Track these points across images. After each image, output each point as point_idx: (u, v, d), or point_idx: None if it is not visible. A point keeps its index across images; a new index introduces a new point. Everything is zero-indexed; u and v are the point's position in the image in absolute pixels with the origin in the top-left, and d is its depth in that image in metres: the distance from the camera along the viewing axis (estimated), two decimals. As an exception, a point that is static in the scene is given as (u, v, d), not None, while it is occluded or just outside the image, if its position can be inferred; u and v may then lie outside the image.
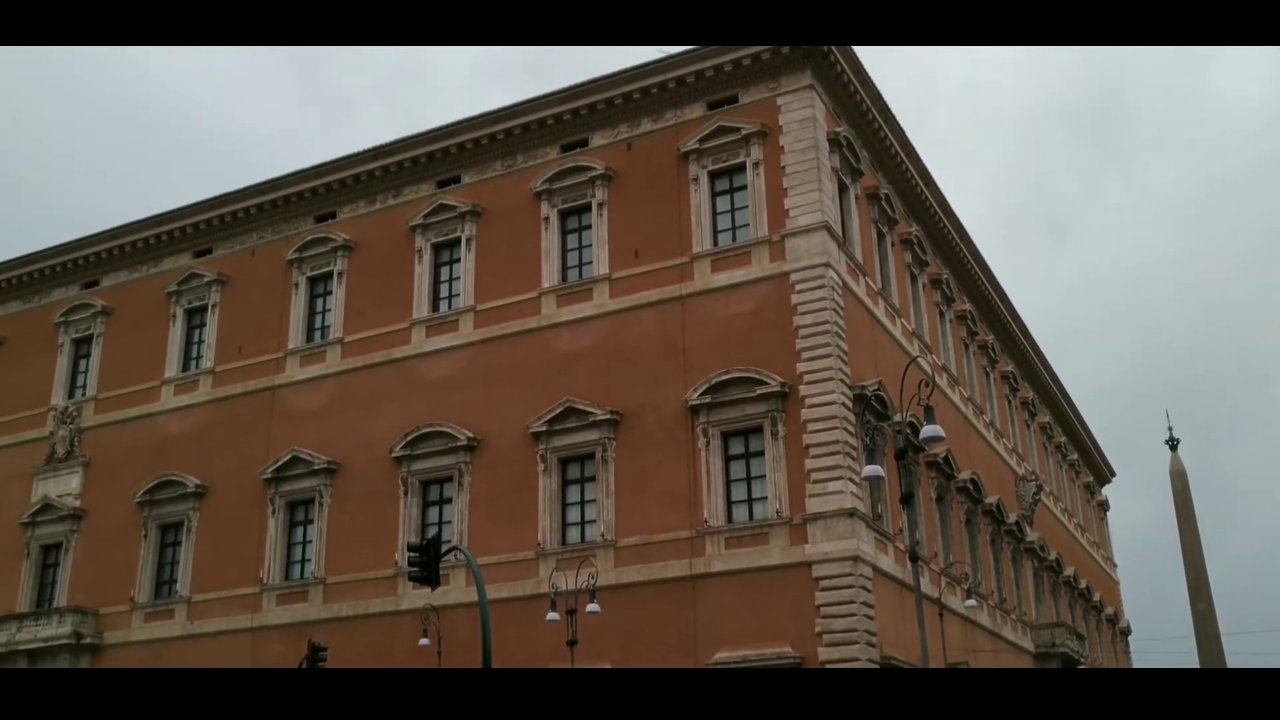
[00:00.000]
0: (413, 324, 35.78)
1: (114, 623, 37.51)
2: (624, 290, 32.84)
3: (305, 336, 37.80)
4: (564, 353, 33.06)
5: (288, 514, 35.95)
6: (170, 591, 37.19)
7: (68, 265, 42.96)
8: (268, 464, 36.25)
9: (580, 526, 31.74)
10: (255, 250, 39.53)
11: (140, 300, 41.30)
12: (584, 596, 27.82)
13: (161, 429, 39.26)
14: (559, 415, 32.23)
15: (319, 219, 38.72)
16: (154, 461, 38.61)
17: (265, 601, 35.19)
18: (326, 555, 34.67)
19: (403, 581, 32.52)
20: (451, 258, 36.22)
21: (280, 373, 37.60)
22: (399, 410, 34.75)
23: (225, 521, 36.76)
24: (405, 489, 34.00)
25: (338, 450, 35.46)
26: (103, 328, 41.88)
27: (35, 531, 40.13)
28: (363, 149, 37.67)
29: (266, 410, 37.34)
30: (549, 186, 34.67)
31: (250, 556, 35.82)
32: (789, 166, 31.63)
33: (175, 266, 40.94)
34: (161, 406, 39.59)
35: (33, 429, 41.75)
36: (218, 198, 40.05)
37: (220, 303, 39.68)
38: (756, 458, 30.05)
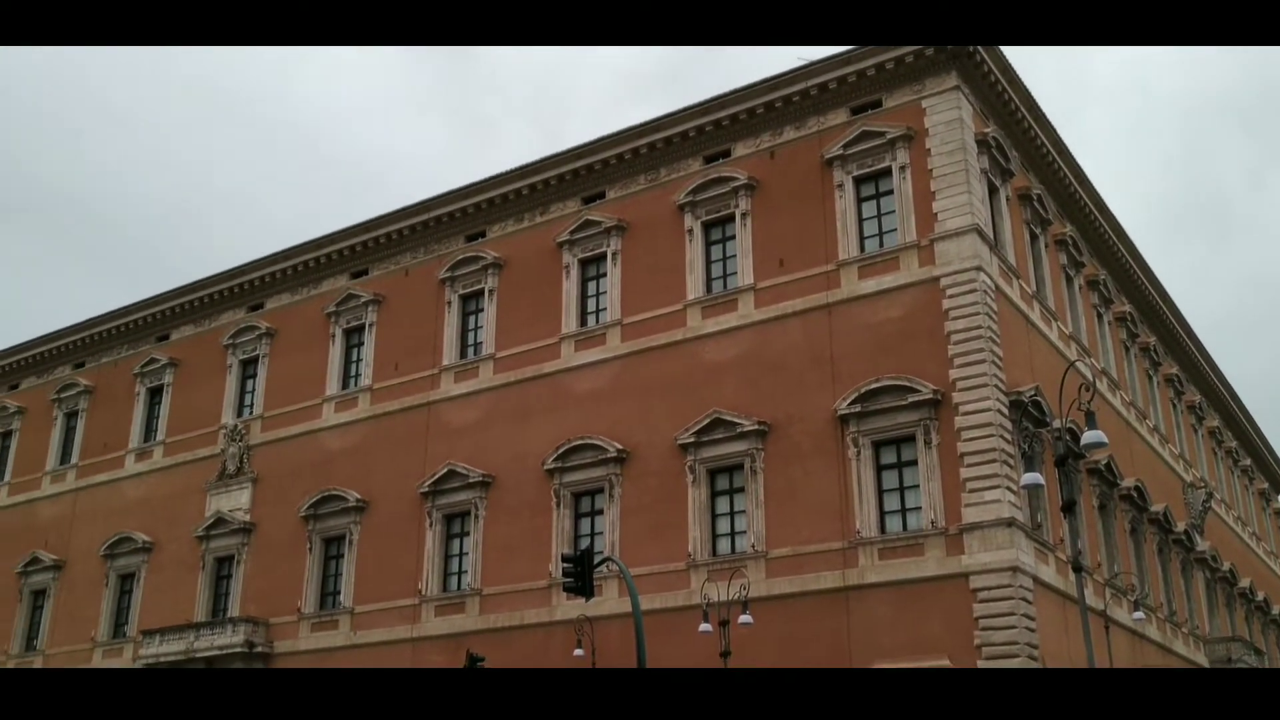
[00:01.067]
0: (561, 339, 36.31)
1: (283, 632, 38.98)
2: (769, 299, 32.71)
3: (459, 353, 38.73)
4: (710, 364, 33.09)
5: (444, 526, 36.84)
6: (334, 603, 38.47)
7: (234, 290, 44.95)
8: (425, 478, 37.21)
9: (730, 538, 31.68)
10: (409, 270, 40.70)
11: (302, 321, 42.93)
12: (736, 608, 27.76)
13: (324, 445, 40.69)
14: (707, 426, 32.26)
15: (469, 238, 39.66)
16: (317, 476, 40.04)
17: (424, 613, 36.09)
18: (482, 567, 35.38)
19: (556, 592, 32.97)
20: (598, 272, 36.65)
21: (435, 389, 38.59)
22: (550, 423, 35.29)
23: (385, 534, 37.85)
24: (557, 501, 34.48)
25: (492, 464, 36.18)
26: (267, 349, 43.66)
27: (209, 544, 42.02)
28: (510, 168, 38.45)
29: (423, 425, 38.35)
30: (692, 199, 34.80)
31: (409, 568, 36.79)
32: (936, 169, 31.07)
33: (334, 288, 42.44)
34: (323, 423, 41.04)
35: (206, 446, 43.76)
36: (372, 220, 41.40)
37: (377, 322, 40.95)
38: (909, 467, 29.52)
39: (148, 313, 47.24)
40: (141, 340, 47.76)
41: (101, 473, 46.81)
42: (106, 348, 48.86)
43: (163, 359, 46.53)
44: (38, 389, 50.79)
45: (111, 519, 45.40)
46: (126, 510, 45.16)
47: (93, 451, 47.57)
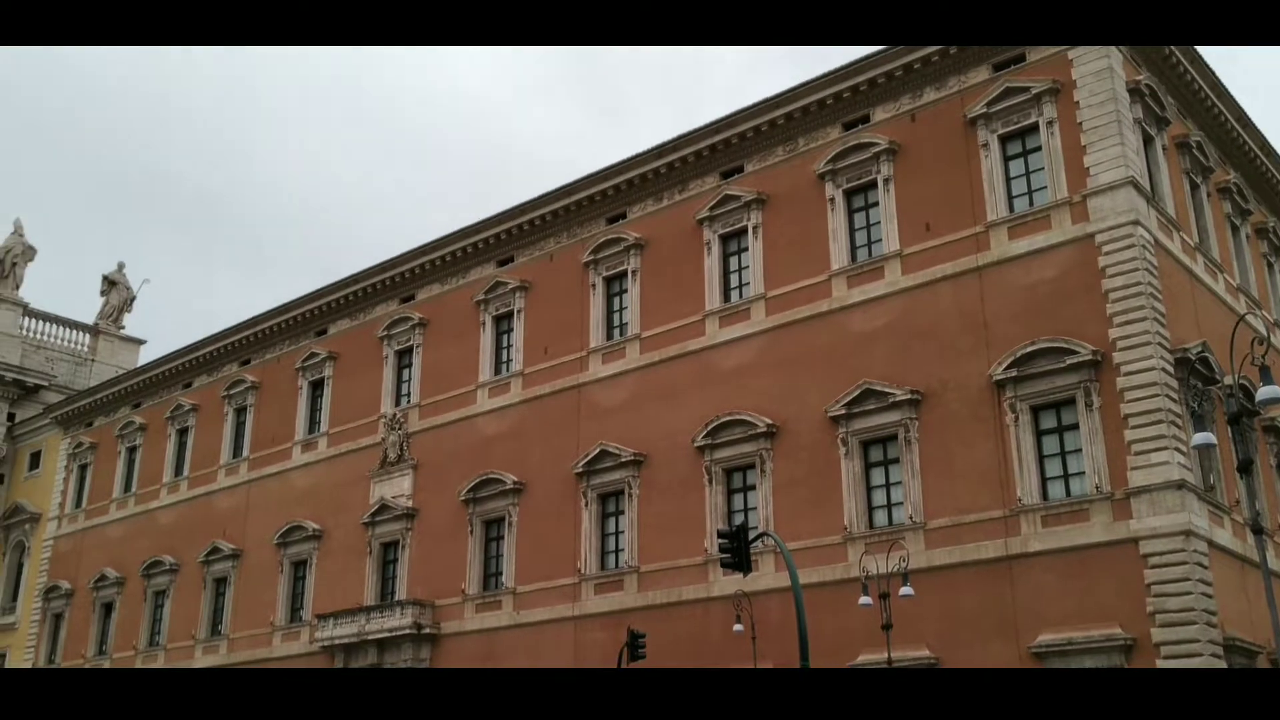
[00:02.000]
0: (706, 315, 36.33)
1: (449, 614, 40.13)
2: (916, 265, 32.10)
3: (605, 335, 39.12)
4: (858, 334, 32.68)
5: (600, 506, 37.34)
6: (497, 584, 39.40)
7: (386, 283, 46.27)
8: (578, 459, 37.76)
9: (887, 509, 31.30)
10: (554, 255, 41.25)
11: (452, 310, 43.96)
12: (896, 580, 27.45)
13: (479, 430, 41.64)
14: (857, 398, 31.90)
15: (610, 220, 39.96)
16: (475, 461, 41.01)
17: (584, 591, 36.68)
18: (639, 544, 35.76)
19: (714, 568, 33.14)
20: (739, 247, 36.53)
21: (584, 371, 39.08)
22: (698, 400, 35.39)
23: (542, 515, 38.57)
24: (709, 477, 34.59)
25: (643, 442, 36.49)
26: (421, 338, 44.84)
27: (375, 530, 43.50)
28: (648, 148, 38.57)
29: (574, 407, 38.90)
30: (832, 167, 34.34)
31: (567, 548, 37.42)
32: (1086, 122, 29.97)
33: (482, 276, 43.30)
34: (478, 409, 41.98)
35: (367, 436, 45.25)
36: (515, 208, 42.06)
37: (525, 308, 41.65)
38: (1070, 431, 28.67)
39: (306, 309, 49.01)
40: (302, 336, 49.60)
41: (271, 465, 48.86)
42: (270, 344, 50.90)
43: (322, 353, 48.24)
44: (209, 387, 53.24)
45: (282, 509, 47.39)
46: (296, 500, 47.08)
47: (262, 445, 49.68)
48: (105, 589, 54.04)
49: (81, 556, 56.21)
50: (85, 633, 54.42)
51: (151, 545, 52.54)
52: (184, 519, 51.85)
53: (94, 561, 55.19)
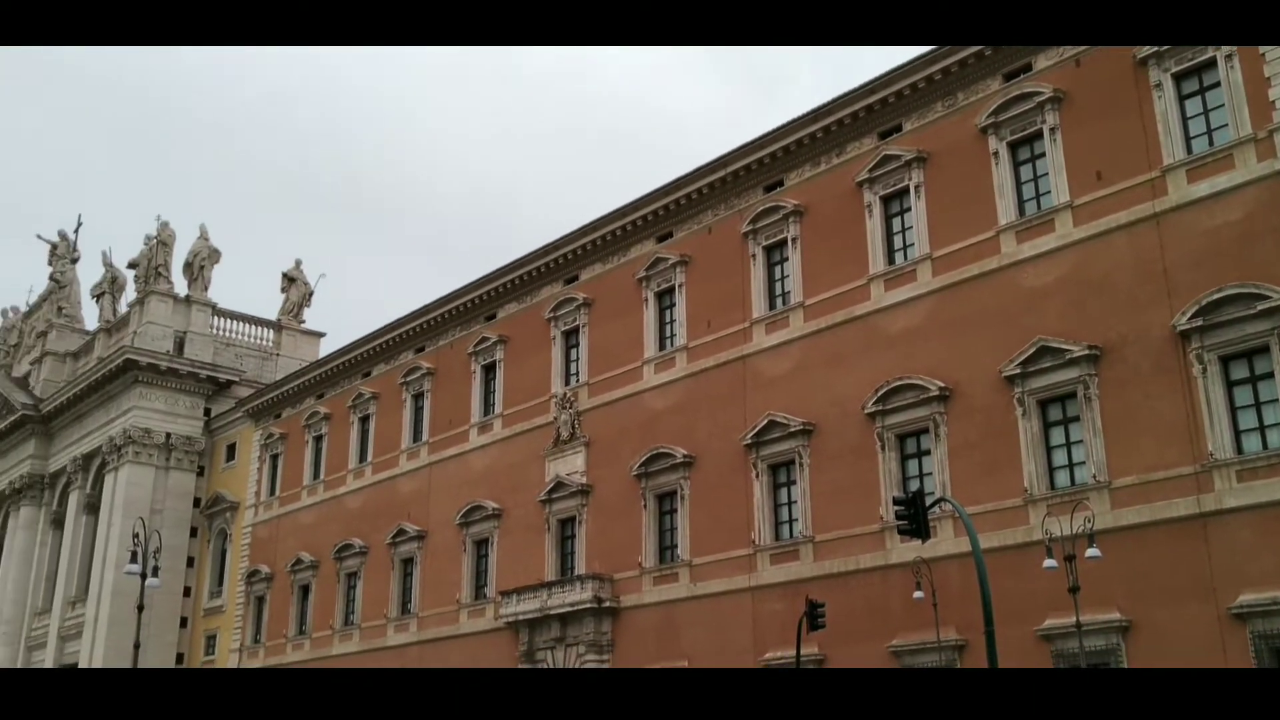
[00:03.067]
0: (870, 280, 35.79)
1: (627, 587, 40.77)
2: (1089, 216, 30.90)
3: (768, 304, 38.94)
4: (1029, 290, 31.69)
5: (770, 476, 37.29)
6: (672, 556, 39.81)
7: (550, 265, 47.07)
8: (746, 430, 37.77)
9: (1068, 469, 30.35)
10: (712, 228, 41.23)
11: (615, 289, 44.43)
12: (1081, 542, 26.65)
13: (647, 405, 42.05)
14: (1032, 356, 30.97)
15: (768, 189, 39.69)
16: (644, 436, 41.47)
17: (759, 562, 36.74)
18: (812, 514, 35.59)
19: (890, 536, 32.76)
20: (901, 208, 35.83)
21: (748, 342, 39.01)
22: (866, 366, 34.94)
23: (713, 487, 38.76)
24: (881, 444, 34.15)
25: (811, 411, 36.25)
26: (586, 318, 45.49)
27: (552, 508, 44.46)
28: (803, 113, 38.13)
29: (739, 379, 38.90)
30: (994, 119, 33.30)
31: (740, 519, 37.52)
32: (1269, 52, 28.25)
33: (642, 253, 43.62)
34: (645, 385, 42.39)
35: (539, 415, 46.23)
36: (672, 183, 42.17)
37: (685, 282, 41.78)
38: (1264, 381, 27.22)
39: (475, 295, 50.27)
40: (472, 321, 50.92)
41: (450, 447, 50.40)
42: (442, 331, 52.42)
43: (493, 337, 49.43)
44: (387, 375, 55.21)
45: (462, 489, 48.87)
46: (475, 481, 48.47)
47: (440, 428, 51.28)
48: (301, 572, 56.78)
49: (278, 542, 59.16)
50: (285, 614, 57.33)
51: (341, 529, 54.93)
52: (370, 503, 54.01)
53: (290, 546, 58.03)
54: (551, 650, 42.36)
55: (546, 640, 42.44)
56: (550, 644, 42.32)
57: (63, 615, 67.46)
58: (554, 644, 42.17)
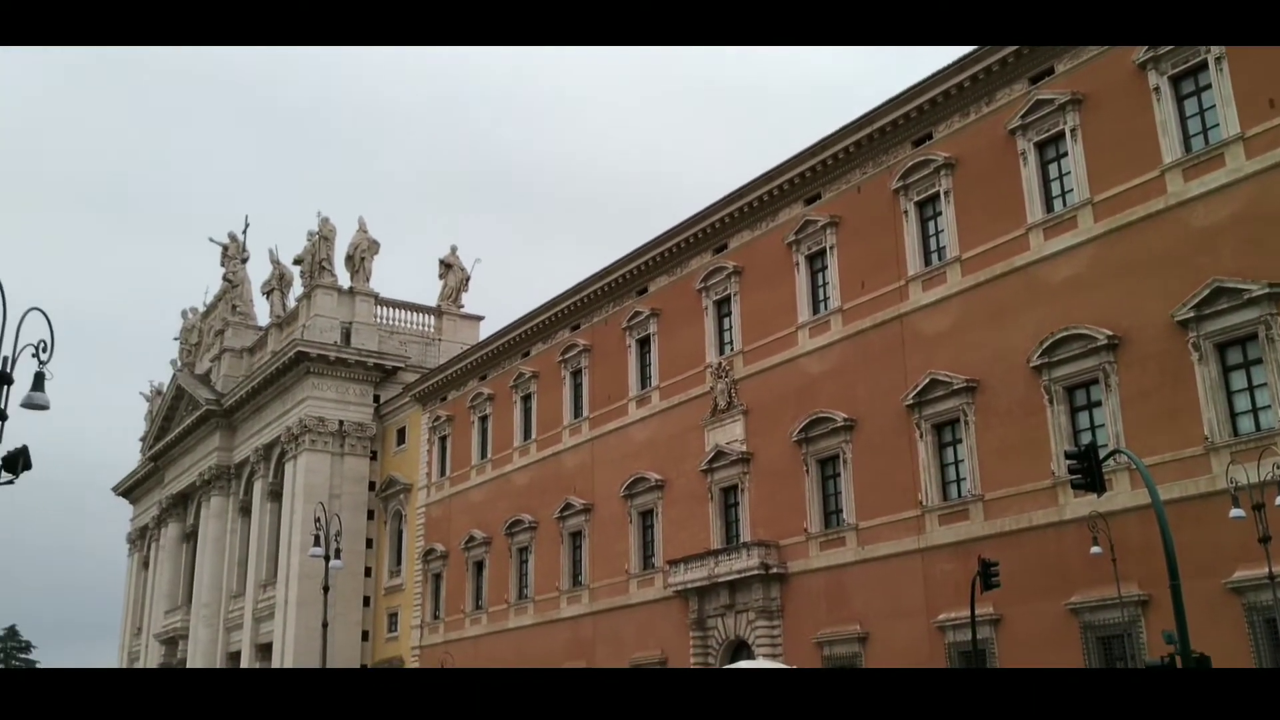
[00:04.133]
0: (1028, 229, 34.74)
1: (794, 553, 40.74)
2: (1263, 146, 29.28)
3: (923, 261, 38.19)
4: (1200, 230, 30.28)
5: (935, 436, 36.69)
6: (838, 520, 39.58)
7: (699, 235, 47.11)
8: (907, 390, 37.21)
9: (1252, 414, 28.97)
10: (861, 187, 40.61)
11: (765, 255, 44.22)
12: (1271, 490, 25.50)
13: (804, 370, 41.80)
14: (1207, 298, 29.62)
15: (916, 143, 38.84)
16: (803, 402, 41.26)
17: (928, 523, 36.24)
18: (980, 472, 34.90)
19: (1063, 491, 31.90)
20: (1058, 153, 34.62)
21: (904, 300, 38.36)
22: (1029, 318, 33.99)
23: (876, 450, 38.34)
24: (1049, 397, 33.21)
25: (973, 367, 35.49)
26: (737, 286, 45.40)
27: (714, 476, 44.68)
28: (950, 63, 37.15)
29: (897, 338, 38.31)
30: (1153, 53, 31.81)
31: (905, 480, 37.05)
32: None
33: (790, 217, 43.27)
34: (800, 350, 42.13)
35: (696, 386, 46.44)
36: (818, 143, 41.65)
37: (836, 243, 41.29)
38: None
39: (626, 270, 50.71)
40: (624, 296, 51.40)
41: (610, 421, 51.10)
42: (596, 308, 53.08)
43: (645, 310, 49.82)
44: (546, 353, 56.23)
45: (624, 462, 49.52)
46: (636, 453, 49.05)
47: (600, 403, 52.02)
48: (474, 549, 58.48)
49: (451, 520, 61.03)
50: (462, 589, 59.17)
51: (510, 505, 56.32)
52: (536, 479, 55.21)
53: (462, 524, 59.80)
54: (721, 618, 42.69)
55: (716, 608, 42.78)
56: (720, 611, 42.64)
57: (255, 598, 71.11)
58: (724, 611, 42.47)
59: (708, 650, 43.19)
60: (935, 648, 34.85)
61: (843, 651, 38.11)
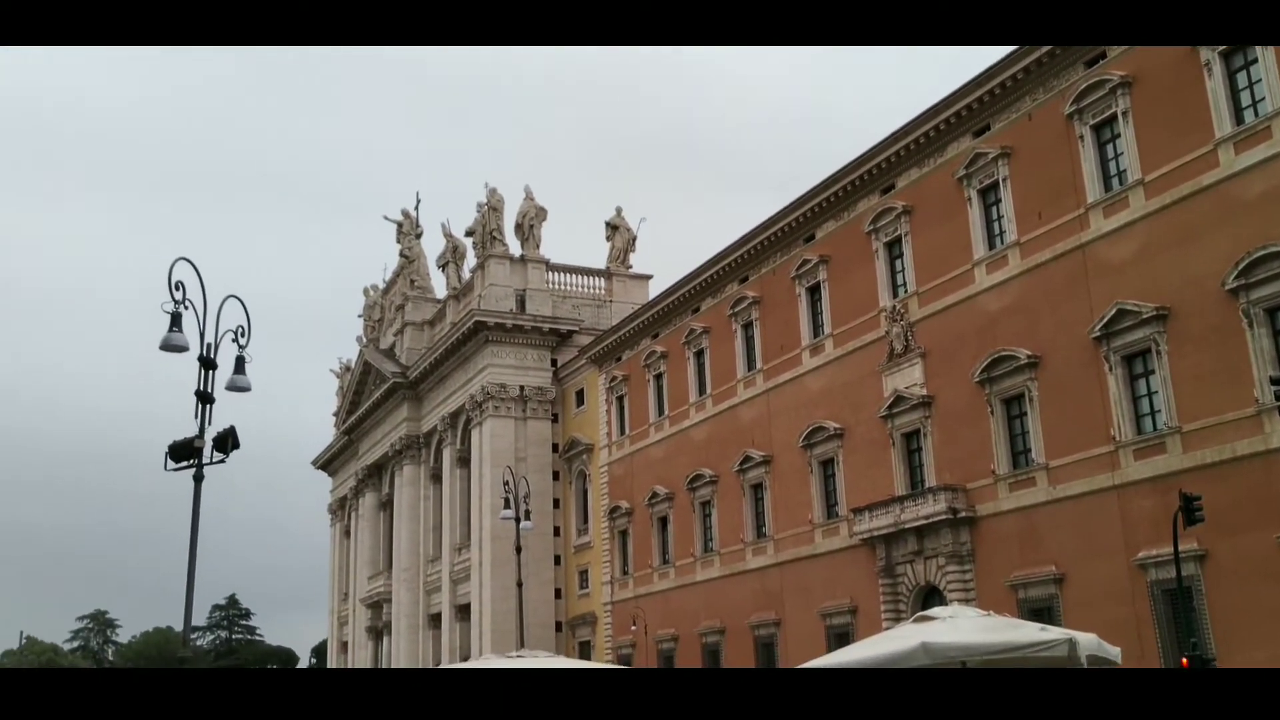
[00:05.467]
0: (1217, 144, 32.82)
1: (981, 496, 39.89)
2: None
3: (1102, 187, 36.58)
4: None
5: (1125, 368, 35.26)
6: (1026, 460, 38.53)
7: (865, 177, 46.22)
8: (1094, 322, 35.84)
9: None
10: (1031, 114, 39.08)
11: (934, 192, 43.09)
12: None
13: (982, 308, 40.68)
14: None
15: (1089, 64, 37.11)
16: (982, 340, 40.20)
17: (1122, 458, 34.94)
18: (1176, 403, 33.39)
19: (1269, 418, 30.31)
20: (1246, 61, 32.56)
21: (1085, 229, 36.86)
22: (1222, 238, 32.21)
23: (1062, 386, 37.11)
24: (1248, 321, 31.45)
25: (1162, 294, 33.89)
26: (907, 226, 44.41)
27: (894, 422, 44.05)
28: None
29: (1079, 269, 36.87)
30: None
31: (1095, 416, 35.77)
32: None
33: (959, 152, 42.01)
34: (977, 287, 41.00)
35: (870, 331, 45.76)
36: (983, 74, 40.22)
37: (1009, 174, 39.91)
38: None
39: (792, 217, 50.19)
40: (792, 244, 50.93)
41: (784, 372, 50.87)
42: (763, 258, 52.77)
43: (813, 258, 49.26)
44: (715, 307, 56.28)
45: (801, 412, 49.28)
46: (813, 402, 48.74)
47: (772, 354, 51.83)
48: (658, 504, 59.27)
49: (633, 477, 61.96)
50: (648, 545, 60.11)
51: (690, 461, 56.80)
52: (714, 433, 55.49)
53: (644, 481, 60.64)
54: (910, 564, 42.21)
55: (904, 554, 42.32)
56: (908, 558, 42.17)
57: (451, 561, 73.85)
58: (912, 557, 41.99)
59: (897, 597, 42.80)
60: (1137, 586, 33.69)
61: (1038, 594, 37.22)
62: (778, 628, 49.74)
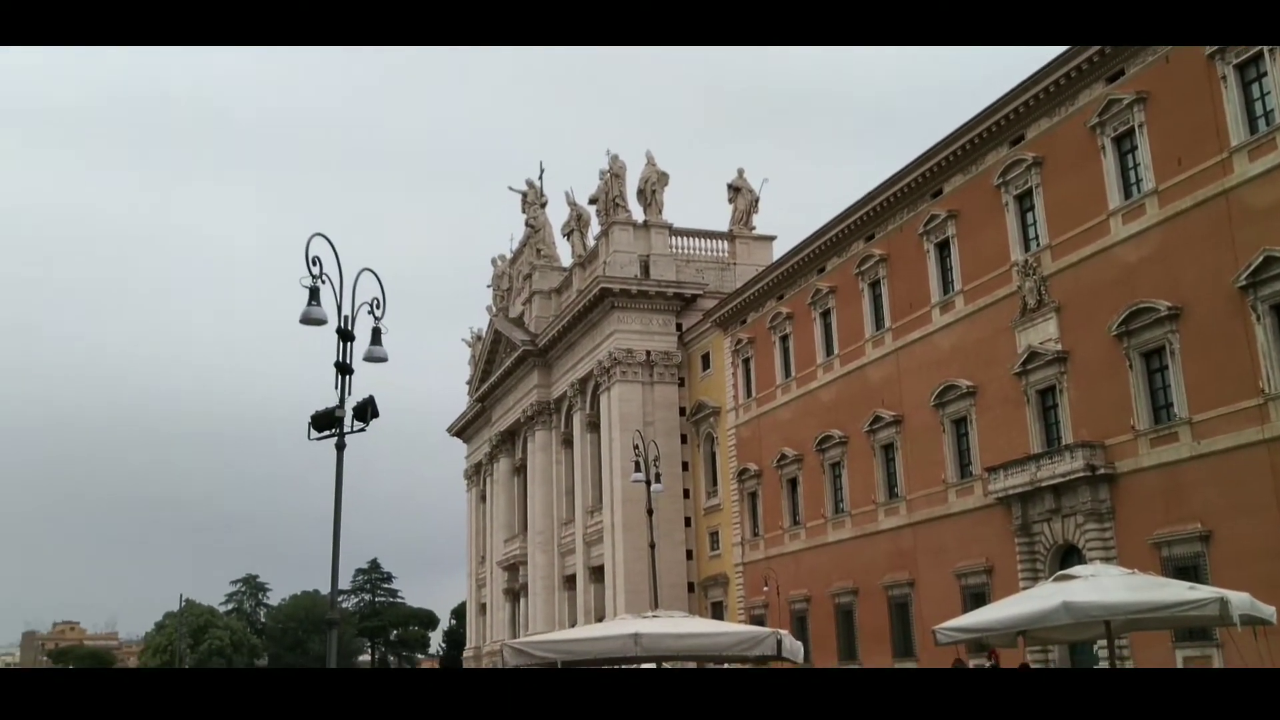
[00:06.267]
0: (1372, 79, 31.17)
1: (1121, 452, 38.84)
2: None
3: (1247, 129, 35.03)
4: None
5: (1275, 317, 33.80)
6: (1168, 415, 37.37)
7: (992, 129, 45.07)
8: (1239, 271, 34.45)
9: None
10: (1169, 56, 37.59)
11: (1066, 141, 41.83)
12: None
13: (1118, 260, 39.45)
14: None
15: (1230, 0, 35.45)
16: (1119, 293, 39.00)
17: (1273, 411, 33.60)
18: (1329, 353, 31.98)
19: None
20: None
21: (1228, 174, 35.38)
22: (1379, 179, 30.61)
23: (1205, 337, 35.82)
24: None
25: (1314, 240, 32.41)
26: (1038, 178, 43.22)
27: (1028, 379, 43.11)
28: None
29: (1222, 216, 35.45)
30: None
31: (1243, 368, 34.45)
32: None
33: (1091, 99, 40.66)
34: (1113, 238, 39.75)
35: (1001, 287, 44.76)
36: (1116, 16, 38.74)
37: (1145, 120, 38.50)
38: None
39: (918, 173, 49.29)
40: (918, 200, 50.04)
41: (913, 331, 50.16)
42: (889, 215, 51.98)
43: (941, 213, 48.34)
44: (841, 267, 55.71)
45: (932, 370, 48.57)
46: (943, 360, 47.98)
47: (901, 313, 51.12)
48: (787, 466, 59.18)
49: (761, 439, 61.95)
50: (777, 506, 60.12)
51: (818, 422, 56.53)
52: (842, 394, 55.08)
53: (772, 443, 60.59)
54: (1047, 523, 41.41)
55: (1041, 513, 41.52)
56: (1045, 516, 41.36)
57: (584, 523, 75.04)
58: (1049, 516, 41.18)
59: (1034, 556, 42.06)
60: (1289, 544, 32.51)
61: (1183, 552, 36.18)
62: (911, 588, 49.35)
